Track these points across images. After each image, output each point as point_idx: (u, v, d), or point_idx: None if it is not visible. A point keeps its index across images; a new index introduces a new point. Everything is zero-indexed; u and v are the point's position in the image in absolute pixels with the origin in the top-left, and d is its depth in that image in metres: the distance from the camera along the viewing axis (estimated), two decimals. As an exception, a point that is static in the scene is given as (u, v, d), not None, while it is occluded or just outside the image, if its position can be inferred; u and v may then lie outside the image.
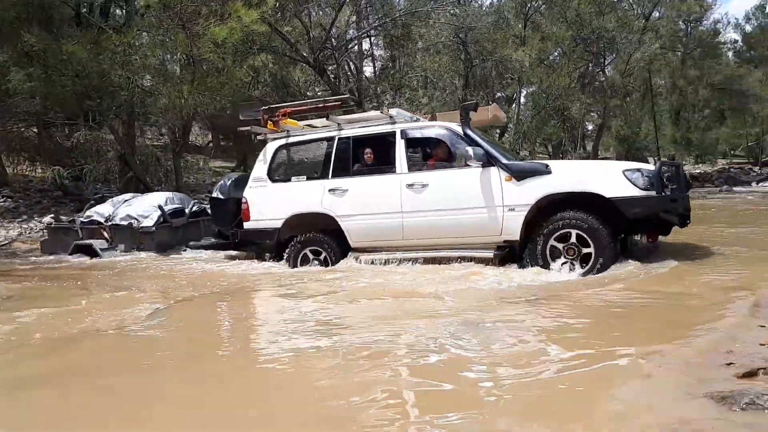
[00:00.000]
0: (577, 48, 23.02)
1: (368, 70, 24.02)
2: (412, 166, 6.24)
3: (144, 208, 9.40)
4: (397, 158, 6.27)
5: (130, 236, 9.10)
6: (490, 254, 5.75)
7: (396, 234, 6.22)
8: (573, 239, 5.36)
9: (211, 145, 27.26)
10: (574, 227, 5.35)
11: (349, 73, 21.14)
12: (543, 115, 22.45)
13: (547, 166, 5.62)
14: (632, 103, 27.75)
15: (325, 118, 6.94)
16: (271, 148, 7.09)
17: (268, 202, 6.90)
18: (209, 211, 8.66)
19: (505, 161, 5.73)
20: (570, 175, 5.62)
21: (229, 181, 7.72)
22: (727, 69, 33.49)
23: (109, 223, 9.32)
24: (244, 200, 7.05)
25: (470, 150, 5.63)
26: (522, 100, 25.29)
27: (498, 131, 26.54)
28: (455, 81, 21.67)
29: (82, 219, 9.67)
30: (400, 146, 6.29)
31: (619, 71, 24.52)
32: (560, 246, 5.42)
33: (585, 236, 5.29)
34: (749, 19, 37.49)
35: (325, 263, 6.62)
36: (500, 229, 5.71)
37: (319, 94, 21.33)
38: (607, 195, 5.26)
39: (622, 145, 27.90)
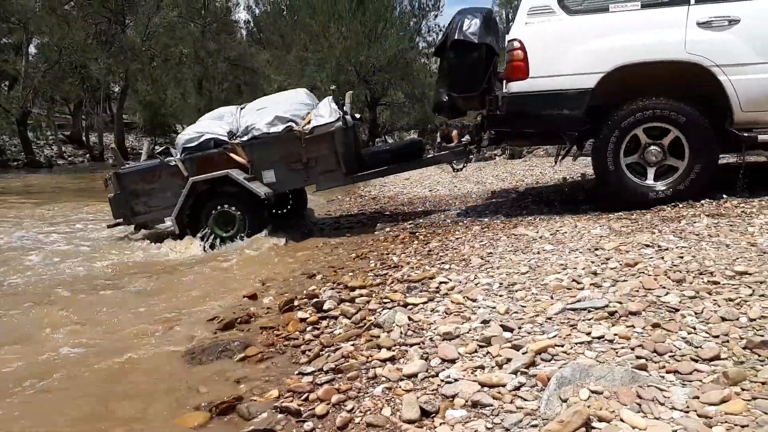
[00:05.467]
0: (95, 2, 21.83)
1: None
2: None
3: (291, 107, 5.75)
4: None
5: (284, 154, 5.56)
6: None
7: None
8: None
9: None
10: None
11: None
12: (57, 70, 20.59)
13: None
14: (158, 68, 28.05)
15: None
16: None
17: (565, 47, 4.28)
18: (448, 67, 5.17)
19: None
20: None
21: (480, 16, 4.90)
22: (240, 46, 37.30)
23: (244, 138, 5.57)
24: (516, 44, 4.33)
25: None
26: (32, 50, 22.54)
27: (6, 84, 22.90)
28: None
29: (183, 145, 5.65)
30: None
31: (139, 33, 24.40)
32: None
33: None
34: (258, 3, 42.53)
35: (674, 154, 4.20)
36: None
37: None
38: None
39: (148, 110, 28.07)
